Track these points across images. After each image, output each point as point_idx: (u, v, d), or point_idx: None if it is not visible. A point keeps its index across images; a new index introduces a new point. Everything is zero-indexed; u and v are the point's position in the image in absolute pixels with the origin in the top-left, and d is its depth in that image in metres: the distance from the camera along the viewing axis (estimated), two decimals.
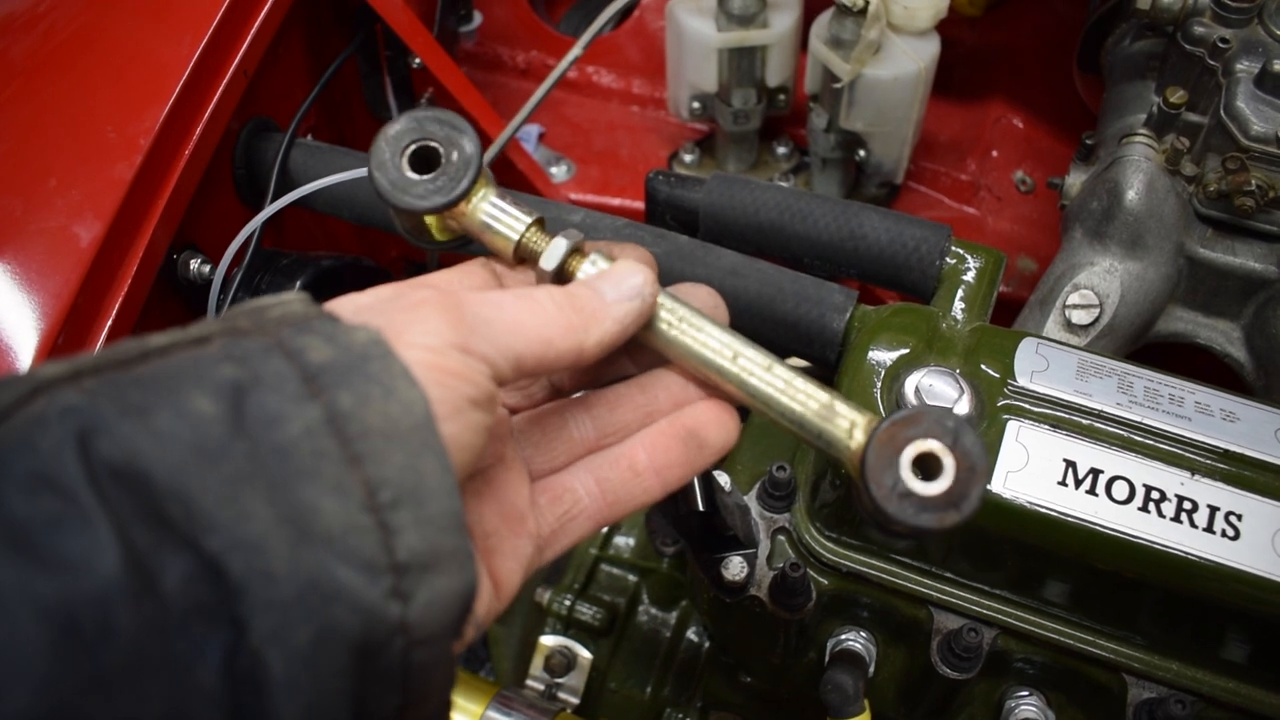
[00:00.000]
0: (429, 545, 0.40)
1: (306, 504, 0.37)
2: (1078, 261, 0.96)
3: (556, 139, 1.51)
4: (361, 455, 0.39)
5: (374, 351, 0.41)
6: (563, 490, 0.53)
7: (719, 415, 0.54)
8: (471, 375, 0.44)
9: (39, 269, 0.80)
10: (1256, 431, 0.67)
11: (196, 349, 0.40)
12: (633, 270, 0.52)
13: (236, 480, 0.37)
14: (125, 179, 0.83)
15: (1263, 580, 0.63)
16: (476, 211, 0.54)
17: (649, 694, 1.08)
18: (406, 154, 0.53)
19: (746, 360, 0.53)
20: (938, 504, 0.47)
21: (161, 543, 0.35)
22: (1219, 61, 0.95)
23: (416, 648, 0.40)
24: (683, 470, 0.54)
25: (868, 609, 0.77)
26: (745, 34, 1.28)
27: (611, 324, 0.50)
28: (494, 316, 0.46)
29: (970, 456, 0.47)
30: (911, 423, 0.48)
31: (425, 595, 0.40)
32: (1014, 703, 0.75)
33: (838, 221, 0.82)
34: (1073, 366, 0.70)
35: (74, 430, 0.35)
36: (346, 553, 0.38)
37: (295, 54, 1.11)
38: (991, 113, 1.47)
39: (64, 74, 0.90)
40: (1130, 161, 0.94)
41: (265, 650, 0.36)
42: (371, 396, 0.40)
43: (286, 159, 0.97)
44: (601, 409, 0.55)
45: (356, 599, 0.37)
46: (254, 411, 0.38)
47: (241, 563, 0.36)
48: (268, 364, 0.39)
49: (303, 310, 0.43)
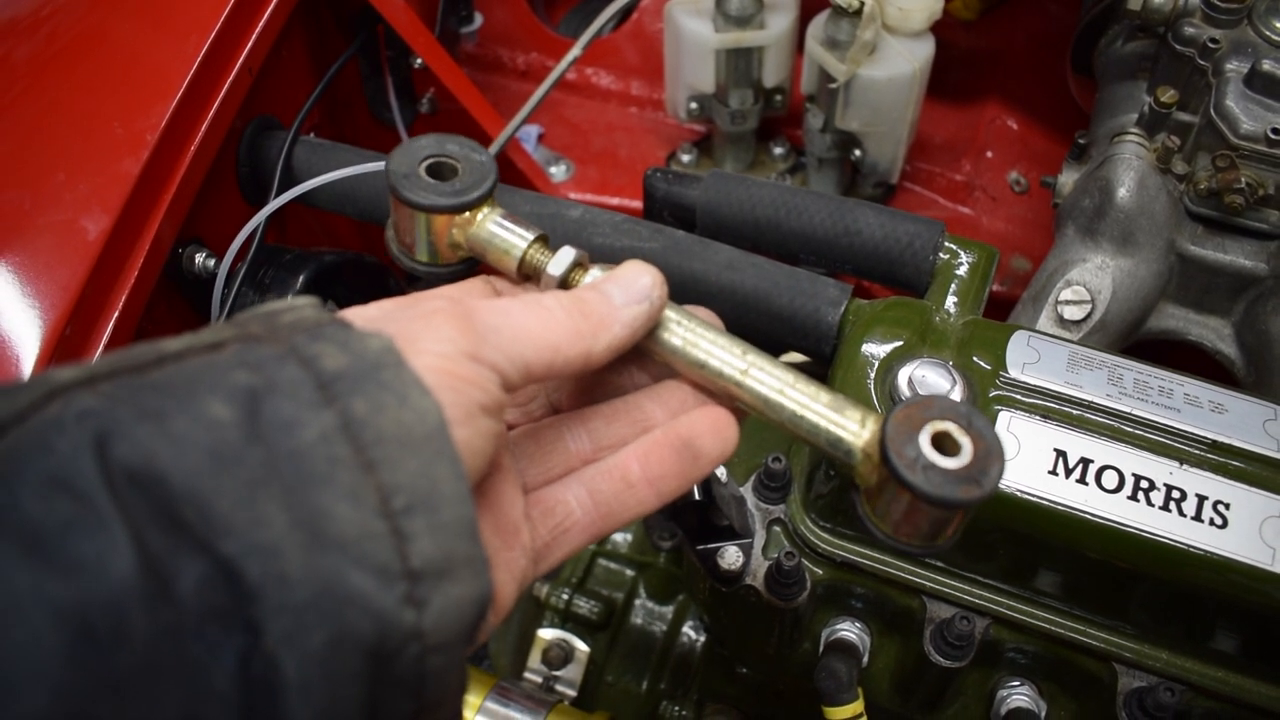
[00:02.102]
0: (443, 552, 0.40)
1: (321, 509, 0.38)
2: (1070, 258, 0.97)
3: (556, 139, 1.52)
4: (376, 461, 0.39)
5: (387, 359, 0.41)
6: (555, 503, 0.53)
7: (715, 424, 0.53)
8: (482, 382, 0.44)
9: (47, 261, 0.81)
10: (1245, 423, 0.68)
11: (211, 354, 0.40)
12: (641, 271, 0.51)
13: (252, 485, 0.37)
14: (132, 174, 0.84)
15: (1250, 568, 0.64)
16: (483, 226, 0.55)
17: (645, 687, 1.09)
18: (424, 164, 0.55)
19: (754, 362, 0.53)
20: (960, 476, 0.47)
21: (177, 546, 0.35)
22: (1209, 61, 0.96)
23: (431, 654, 0.40)
24: (678, 481, 0.53)
25: (862, 599, 0.78)
26: (742, 35, 1.29)
27: (620, 329, 0.50)
28: (503, 324, 0.46)
29: (985, 436, 0.48)
30: (925, 406, 0.49)
31: (440, 602, 0.40)
32: (1006, 692, 0.76)
33: (833, 217, 0.84)
34: (1063, 359, 0.71)
35: (91, 434, 0.35)
36: (361, 558, 0.38)
37: (298, 54, 1.12)
38: (986, 114, 1.48)
39: (71, 72, 0.91)
40: (1122, 160, 0.96)
41: (280, 654, 0.36)
42: (385, 404, 0.40)
43: (290, 156, 0.98)
44: (598, 422, 0.55)
45: (370, 604, 0.38)
46: (269, 417, 0.38)
47: (257, 567, 0.36)
48: (282, 370, 0.40)
49: (315, 316, 0.43)
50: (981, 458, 0.47)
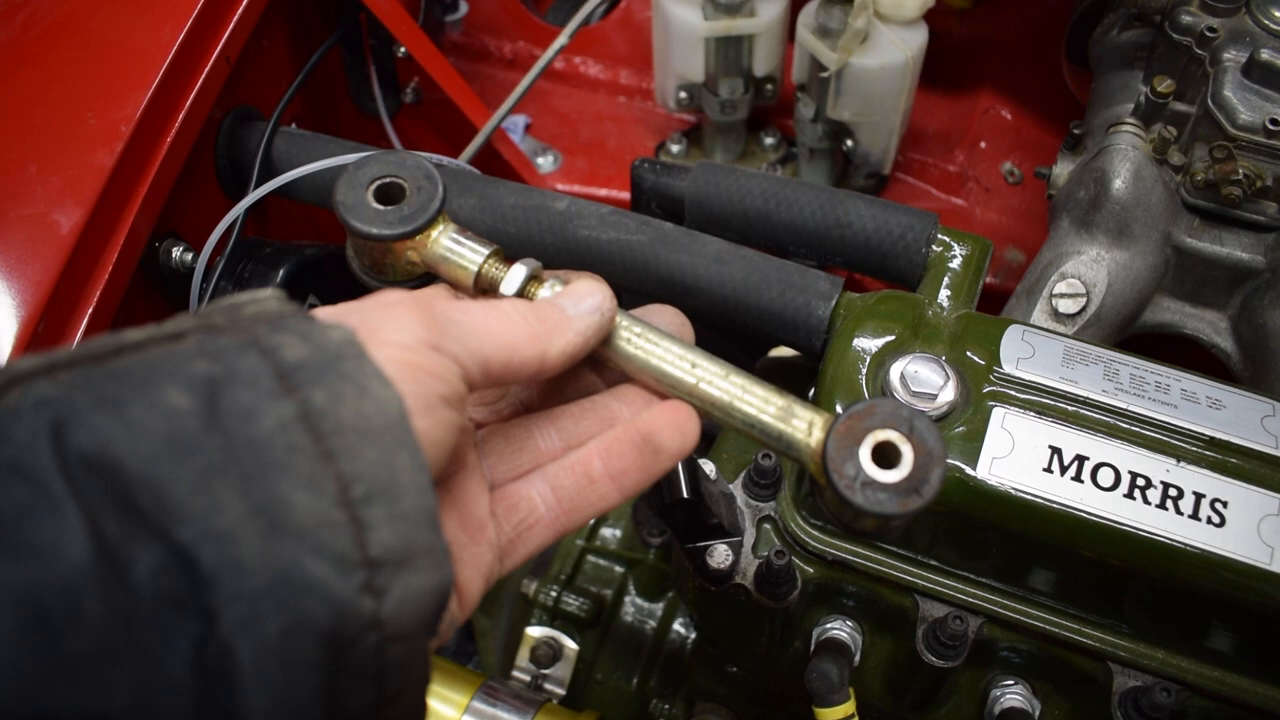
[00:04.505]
0: (403, 541, 0.40)
1: (279, 498, 0.38)
2: (1065, 250, 0.96)
3: (543, 129, 1.50)
4: (335, 451, 0.39)
5: (348, 350, 0.42)
6: (518, 499, 0.54)
7: (675, 419, 0.54)
8: (443, 373, 0.45)
9: (19, 257, 0.79)
10: (1242, 419, 0.67)
11: (171, 344, 0.41)
12: (591, 289, 0.53)
13: (209, 473, 0.37)
14: (106, 166, 0.83)
15: (1247, 567, 0.63)
16: (437, 244, 0.55)
17: (635, 685, 1.08)
18: (372, 188, 0.55)
19: (704, 370, 0.54)
20: (900, 489, 0.48)
21: (133, 533, 0.35)
22: (1206, 51, 0.95)
23: (391, 644, 0.40)
24: (639, 476, 0.54)
25: (853, 597, 0.77)
26: (732, 23, 1.27)
27: (574, 335, 0.51)
28: (463, 319, 0.47)
29: (927, 443, 0.49)
30: (867, 414, 0.50)
31: (400, 591, 0.40)
32: (999, 691, 0.75)
33: (824, 209, 0.82)
34: (1058, 353, 0.70)
35: (48, 421, 0.36)
36: (318, 547, 0.38)
37: (279, 43, 1.10)
38: (980, 104, 1.47)
39: (44, 62, 0.89)
40: (1117, 150, 0.94)
41: (235, 640, 0.36)
42: (345, 394, 0.40)
43: (270, 147, 0.96)
44: (566, 421, 0.56)
45: (327, 592, 0.38)
46: (228, 406, 0.38)
47: (212, 554, 0.36)
48: (242, 360, 0.40)
49: (278, 308, 0.44)
50: (922, 465, 0.48)
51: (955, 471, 0.66)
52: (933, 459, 0.48)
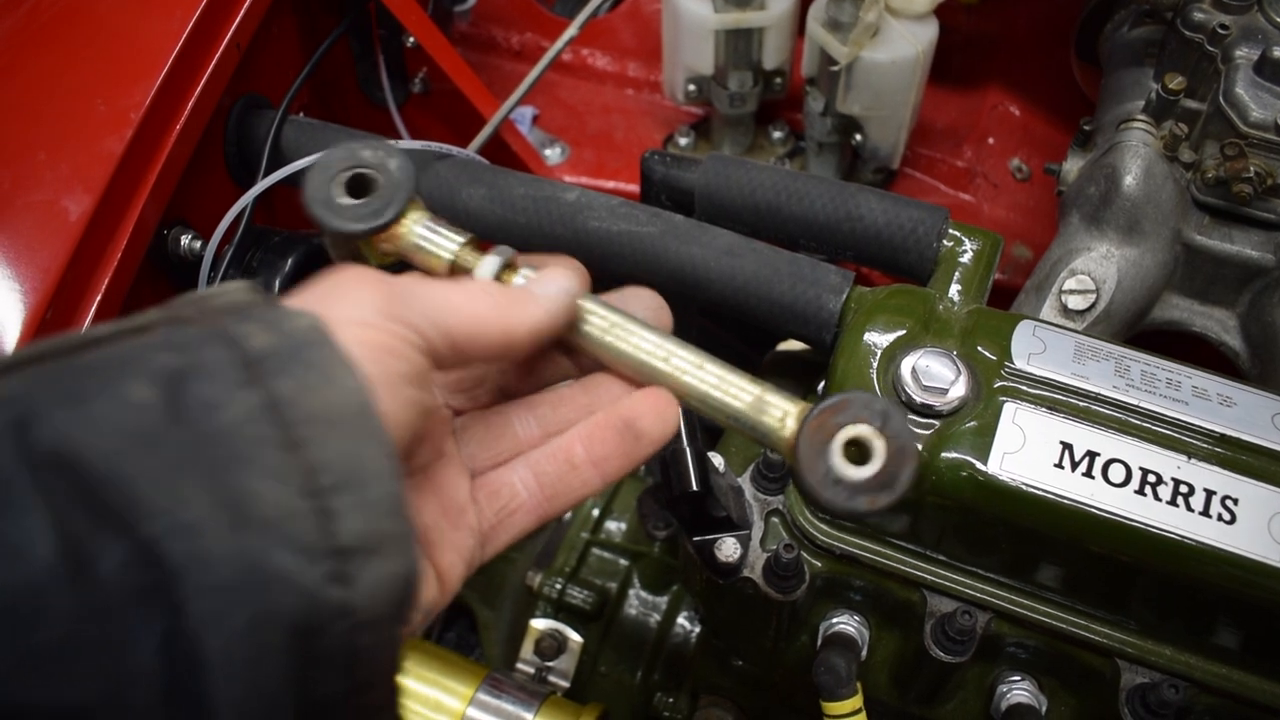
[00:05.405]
0: (371, 529, 0.40)
1: (244, 489, 0.38)
2: (1074, 247, 0.95)
3: (551, 121, 1.50)
4: (301, 440, 0.39)
5: (314, 338, 0.42)
6: (500, 485, 0.54)
7: (656, 405, 0.54)
8: (403, 350, 0.45)
9: (27, 243, 0.79)
10: (1253, 416, 0.67)
11: (137, 338, 0.41)
12: (560, 272, 0.53)
13: (173, 466, 0.37)
14: (115, 153, 0.82)
15: (1258, 564, 0.63)
16: (409, 234, 0.55)
17: (639, 678, 1.08)
18: (340, 181, 0.54)
19: (679, 359, 0.54)
20: (870, 487, 0.48)
21: (98, 528, 0.35)
22: (1218, 48, 0.94)
23: (360, 631, 0.40)
24: (621, 462, 0.54)
25: (861, 592, 0.77)
26: (742, 15, 1.27)
27: (541, 312, 0.51)
28: (424, 292, 0.47)
29: (899, 438, 0.48)
30: (840, 409, 0.50)
31: (368, 579, 0.40)
32: (1006, 687, 0.75)
33: (835, 203, 0.82)
34: (1070, 349, 0.70)
35: (10, 418, 0.36)
36: (285, 537, 0.38)
37: (288, 32, 1.09)
38: (988, 100, 1.47)
39: (53, 48, 0.89)
40: (1128, 147, 0.94)
41: (202, 633, 0.36)
42: (311, 383, 0.40)
43: (279, 135, 0.96)
44: (545, 408, 0.56)
45: (295, 582, 0.38)
46: (192, 398, 0.38)
47: (178, 547, 0.36)
48: (207, 351, 0.40)
49: (246, 298, 0.44)
50: (893, 461, 0.48)
51: (966, 467, 0.66)
52: (904, 454, 0.48)
